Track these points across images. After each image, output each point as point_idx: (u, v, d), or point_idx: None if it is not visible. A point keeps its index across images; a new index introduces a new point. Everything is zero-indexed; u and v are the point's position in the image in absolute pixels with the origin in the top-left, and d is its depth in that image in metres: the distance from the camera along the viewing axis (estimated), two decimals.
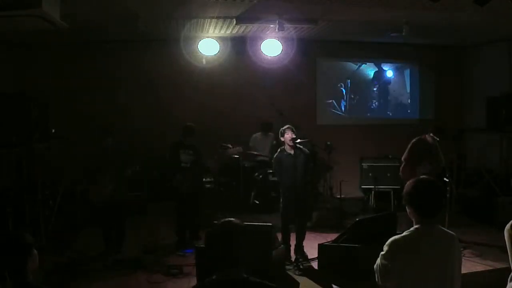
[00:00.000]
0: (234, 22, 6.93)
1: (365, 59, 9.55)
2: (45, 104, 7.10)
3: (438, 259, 2.43)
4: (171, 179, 6.34)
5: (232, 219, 2.26)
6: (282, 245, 5.32)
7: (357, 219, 5.55)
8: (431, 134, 6.24)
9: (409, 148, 6.26)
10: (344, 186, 7.67)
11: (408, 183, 2.57)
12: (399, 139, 6.88)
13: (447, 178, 6.28)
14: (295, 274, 5.33)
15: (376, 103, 9.79)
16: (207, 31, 7.72)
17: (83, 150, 6.33)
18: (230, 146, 7.67)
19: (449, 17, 6.44)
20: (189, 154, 6.34)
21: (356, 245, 4.96)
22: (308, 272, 5.37)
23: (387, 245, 2.48)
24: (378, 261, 2.52)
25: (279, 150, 5.96)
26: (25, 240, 2.37)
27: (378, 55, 9.41)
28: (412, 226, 2.54)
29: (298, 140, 5.76)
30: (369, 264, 2.76)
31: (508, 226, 2.84)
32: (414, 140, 6.27)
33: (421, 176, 2.65)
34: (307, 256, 5.73)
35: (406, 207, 2.56)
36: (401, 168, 6.47)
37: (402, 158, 6.37)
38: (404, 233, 2.50)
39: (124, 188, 6.32)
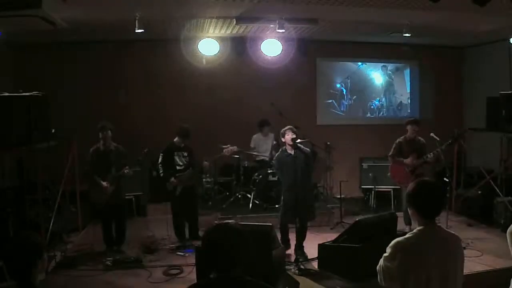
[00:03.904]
0: (234, 22, 6.93)
1: (365, 59, 9.56)
2: (45, 104, 7.08)
3: (441, 261, 2.43)
4: (165, 182, 6.30)
5: (228, 221, 2.27)
6: (282, 245, 5.33)
7: (357, 219, 5.55)
8: (431, 134, 6.39)
9: (394, 145, 6.79)
10: (344, 186, 7.67)
11: (410, 184, 2.58)
12: None
13: (447, 178, 6.30)
14: (295, 274, 5.33)
15: (376, 103, 9.80)
16: (207, 31, 7.72)
17: (83, 150, 6.33)
18: (225, 146, 7.66)
19: (448, 17, 6.44)
20: (184, 156, 6.31)
21: (356, 245, 4.96)
22: (308, 272, 5.36)
23: (390, 247, 2.49)
24: (381, 262, 2.52)
25: (280, 150, 5.98)
26: (38, 243, 2.37)
27: (378, 55, 9.41)
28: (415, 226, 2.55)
29: (298, 140, 5.77)
30: (369, 264, 2.76)
31: (510, 228, 2.85)
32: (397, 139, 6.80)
33: (425, 178, 2.66)
34: (307, 256, 5.74)
35: (408, 208, 2.56)
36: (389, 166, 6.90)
37: (388, 155, 6.79)
38: (407, 235, 2.51)
39: (124, 188, 6.33)
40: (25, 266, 2.27)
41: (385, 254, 2.50)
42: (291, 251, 5.82)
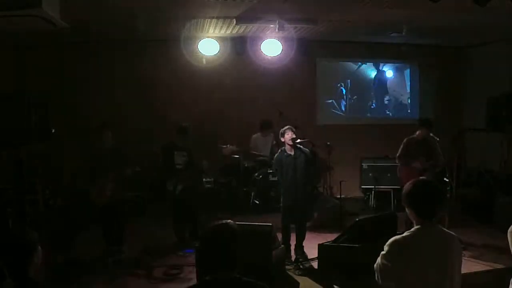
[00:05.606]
0: (234, 22, 6.93)
1: (365, 59, 9.55)
2: (45, 104, 7.09)
3: (438, 259, 2.43)
4: (165, 182, 6.28)
5: (226, 221, 2.26)
6: (282, 245, 5.33)
7: (357, 219, 5.56)
8: (431, 134, 6.37)
9: (402, 145, 6.57)
10: (344, 186, 7.67)
11: (406, 184, 2.58)
12: (399, 139, 6.87)
13: (447, 178, 6.29)
14: (295, 274, 5.33)
15: (376, 103, 9.79)
16: (207, 31, 7.72)
17: (83, 150, 6.33)
18: (225, 146, 7.66)
19: (448, 17, 6.44)
20: (183, 156, 6.30)
21: (356, 245, 4.96)
22: (308, 272, 5.37)
23: (387, 245, 2.49)
24: (379, 260, 2.52)
25: (279, 150, 5.98)
26: (30, 237, 2.37)
27: (378, 55, 9.41)
28: (413, 226, 2.55)
29: (298, 140, 5.76)
30: (369, 264, 2.76)
31: (511, 228, 2.85)
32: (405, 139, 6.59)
33: (420, 177, 2.66)
34: (307, 256, 5.74)
35: (406, 208, 2.56)
36: (398, 168, 6.69)
37: (396, 156, 6.60)
38: (405, 233, 2.51)
39: (124, 188, 6.32)
40: (19, 260, 2.27)
41: (382, 252, 2.51)
42: (291, 251, 5.82)
